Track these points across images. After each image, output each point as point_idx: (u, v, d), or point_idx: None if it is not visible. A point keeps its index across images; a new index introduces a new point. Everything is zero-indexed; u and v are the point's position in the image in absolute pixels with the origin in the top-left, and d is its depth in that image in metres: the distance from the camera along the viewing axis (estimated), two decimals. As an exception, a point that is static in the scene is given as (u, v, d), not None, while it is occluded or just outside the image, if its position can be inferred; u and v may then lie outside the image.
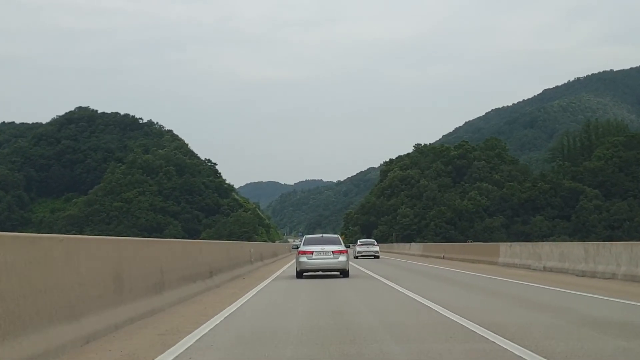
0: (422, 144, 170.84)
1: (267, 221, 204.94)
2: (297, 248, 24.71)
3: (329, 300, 14.58)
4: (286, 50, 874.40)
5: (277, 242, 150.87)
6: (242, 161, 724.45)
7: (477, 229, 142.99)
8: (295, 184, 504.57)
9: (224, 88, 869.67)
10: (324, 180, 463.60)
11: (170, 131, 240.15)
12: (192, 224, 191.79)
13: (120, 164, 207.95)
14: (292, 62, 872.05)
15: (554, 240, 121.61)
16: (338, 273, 22.81)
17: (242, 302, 14.14)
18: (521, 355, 7.37)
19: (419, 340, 8.48)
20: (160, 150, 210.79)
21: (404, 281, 20.49)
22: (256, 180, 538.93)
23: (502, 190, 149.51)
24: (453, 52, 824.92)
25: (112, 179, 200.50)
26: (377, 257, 48.28)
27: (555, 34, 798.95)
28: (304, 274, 22.88)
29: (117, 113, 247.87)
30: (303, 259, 22.46)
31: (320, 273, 22.93)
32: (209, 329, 10.00)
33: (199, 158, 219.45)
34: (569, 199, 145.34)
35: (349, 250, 26.39)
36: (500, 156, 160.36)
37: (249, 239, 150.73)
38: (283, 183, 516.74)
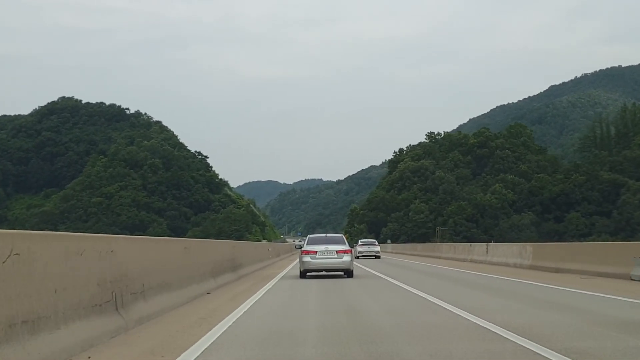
0: (436, 132, 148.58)
1: (262, 219, 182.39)
2: (301, 248, 22.83)
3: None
4: (286, 49, 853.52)
5: (273, 242, 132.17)
6: (241, 160, 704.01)
7: (503, 227, 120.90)
8: (294, 183, 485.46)
9: (224, 87, 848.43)
10: (324, 179, 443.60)
11: (158, 122, 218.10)
12: (179, 221, 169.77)
13: (102, 157, 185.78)
14: (292, 60, 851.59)
15: (593, 240, 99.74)
16: (342, 273, 22.02)
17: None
18: None
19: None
20: (145, 142, 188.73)
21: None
22: (255, 180, 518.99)
23: (531, 182, 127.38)
24: (452, 51, 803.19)
25: (92, 172, 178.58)
26: (378, 257, 48.02)
27: (556, 33, 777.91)
28: (308, 274, 22.14)
29: (102, 103, 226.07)
30: (307, 258, 21.70)
31: (324, 273, 22.25)
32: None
33: (188, 150, 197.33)
34: (609, 192, 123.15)
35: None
36: (526, 145, 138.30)
37: (239, 238, 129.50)
38: (282, 182, 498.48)
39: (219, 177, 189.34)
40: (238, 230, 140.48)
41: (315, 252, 21.52)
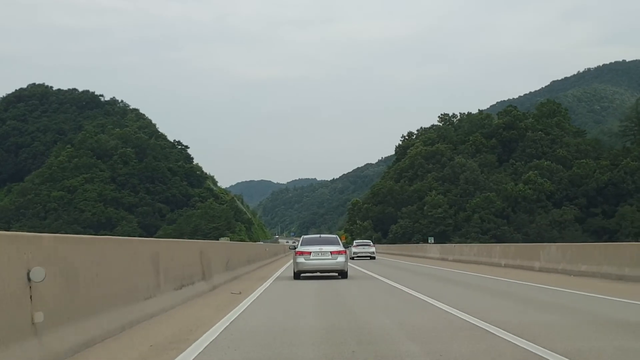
0: (450, 114, 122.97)
1: (248, 216, 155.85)
2: (295, 248, 22.05)
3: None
4: (280, 49, 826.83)
5: (261, 242, 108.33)
6: (234, 160, 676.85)
7: (541, 224, 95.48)
8: (288, 182, 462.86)
9: (217, 86, 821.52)
10: (318, 179, 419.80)
11: (136, 110, 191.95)
12: (152, 219, 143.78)
13: (69, 146, 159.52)
14: (286, 60, 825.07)
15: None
16: (336, 274, 21.09)
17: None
18: None
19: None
20: (118, 129, 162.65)
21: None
22: (247, 179, 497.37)
23: (571, 170, 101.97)
24: (449, 51, 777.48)
25: (55, 163, 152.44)
26: (373, 257, 46.29)
27: (553, 33, 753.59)
28: (302, 274, 21.08)
29: (74, 89, 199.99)
30: (300, 259, 20.52)
31: (318, 274, 21.25)
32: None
33: (166, 139, 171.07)
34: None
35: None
36: (561, 126, 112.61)
37: (219, 237, 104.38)
38: (275, 182, 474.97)
39: (202, 170, 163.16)
40: (217, 229, 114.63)
41: (310, 253, 20.58)
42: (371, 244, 51.18)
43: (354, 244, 50.99)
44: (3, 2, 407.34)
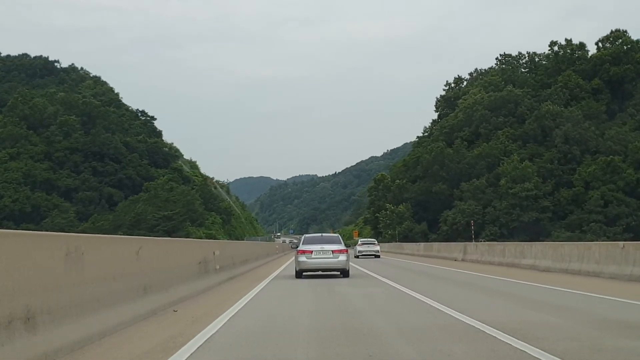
0: (515, 54, 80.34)
1: (229, 204, 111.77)
2: (297, 247, 21.63)
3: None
4: (281, 48, 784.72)
5: (244, 240, 70.24)
6: (233, 157, 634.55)
7: None
8: (288, 179, 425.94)
9: (217, 85, 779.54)
10: (319, 175, 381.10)
11: (98, 77, 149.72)
12: (98, 207, 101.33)
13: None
14: (286, 59, 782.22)
15: None
16: (338, 273, 19.71)
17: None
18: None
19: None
20: (61, 93, 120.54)
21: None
22: (246, 176, 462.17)
23: None
24: (447, 50, 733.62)
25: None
26: (378, 256, 42.16)
27: (554, 33, 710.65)
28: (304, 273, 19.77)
29: (25, 55, 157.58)
30: (302, 258, 19.36)
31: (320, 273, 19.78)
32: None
33: (127, 108, 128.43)
34: None
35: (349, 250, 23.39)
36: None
37: (171, 233, 63.38)
38: (275, 178, 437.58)
39: (171, 146, 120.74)
40: (171, 219, 72.14)
41: (311, 252, 19.45)
42: (376, 242, 46.82)
43: (359, 242, 47.74)
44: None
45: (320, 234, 22.31)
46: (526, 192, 56.76)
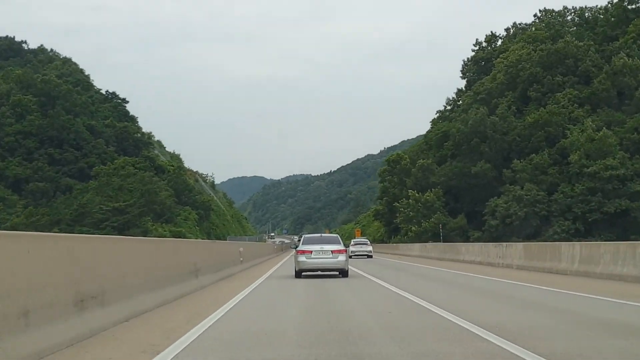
0: (561, 7, 63.10)
1: (205, 199, 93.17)
2: (296, 247, 22.24)
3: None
4: (274, 47, 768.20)
5: (225, 241, 52.67)
6: (227, 157, 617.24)
7: None
8: (281, 178, 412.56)
9: (209, 84, 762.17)
10: (314, 174, 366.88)
11: (68, 59, 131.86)
12: (53, 200, 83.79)
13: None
14: (280, 59, 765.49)
15: None
16: (337, 273, 20.14)
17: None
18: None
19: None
20: (18, 71, 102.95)
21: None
22: (239, 175, 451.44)
23: None
24: (446, 48, 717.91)
25: None
26: (370, 256, 42.94)
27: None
28: (303, 273, 20.24)
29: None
30: (302, 258, 19.69)
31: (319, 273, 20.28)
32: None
33: (96, 91, 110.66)
34: None
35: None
36: None
37: (121, 231, 45.34)
38: (269, 178, 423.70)
39: (142, 132, 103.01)
40: (124, 212, 54.62)
41: (311, 252, 19.74)
42: (368, 242, 47.06)
43: (352, 242, 46.92)
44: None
45: (319, 234, 22.92)
46: (610, 171, 39.80)
